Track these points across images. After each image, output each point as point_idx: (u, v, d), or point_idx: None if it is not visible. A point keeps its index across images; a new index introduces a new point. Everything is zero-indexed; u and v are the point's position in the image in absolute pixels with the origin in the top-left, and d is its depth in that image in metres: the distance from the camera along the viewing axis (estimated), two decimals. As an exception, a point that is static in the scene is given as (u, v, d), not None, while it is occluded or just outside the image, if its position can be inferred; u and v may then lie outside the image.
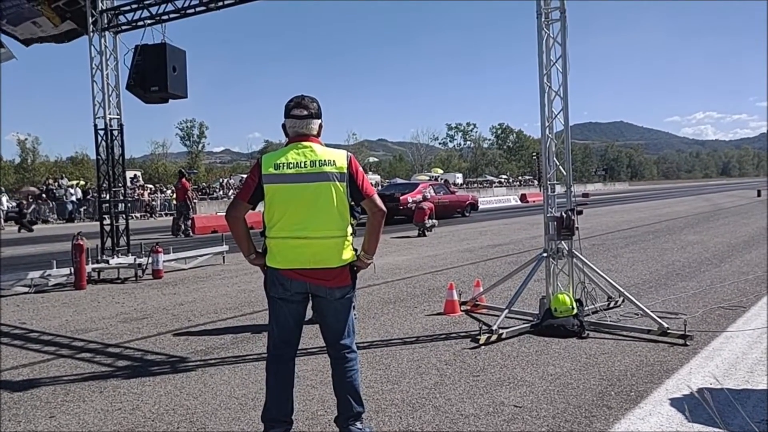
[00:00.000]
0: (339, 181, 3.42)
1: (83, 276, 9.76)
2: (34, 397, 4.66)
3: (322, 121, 3.58)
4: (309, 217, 3.40)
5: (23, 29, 11.45)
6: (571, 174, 6.41)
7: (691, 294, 7.72)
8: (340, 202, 3.43)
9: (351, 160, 3.50)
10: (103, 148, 10.78)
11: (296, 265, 3.44)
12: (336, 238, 3.45)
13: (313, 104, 3.53)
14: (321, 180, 3.40)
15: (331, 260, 3.45)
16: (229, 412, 4.22)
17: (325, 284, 3.47)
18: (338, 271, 3.47)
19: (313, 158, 3.43)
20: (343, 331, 3.59)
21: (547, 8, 6.43)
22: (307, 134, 3.52)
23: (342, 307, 3.57)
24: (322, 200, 3.40)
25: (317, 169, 3.40)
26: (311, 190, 3.40)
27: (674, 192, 59.25)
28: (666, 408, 4.02)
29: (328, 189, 3.41)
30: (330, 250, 3.45)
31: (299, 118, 3.49)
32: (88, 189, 35.65)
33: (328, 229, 3.42)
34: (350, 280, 3.54)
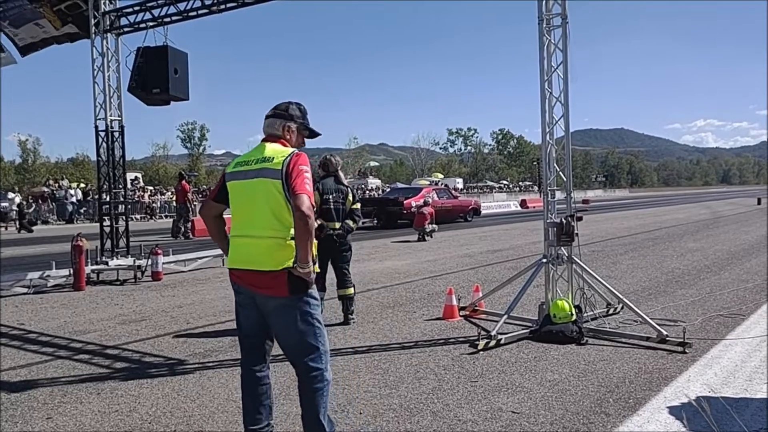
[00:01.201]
0: (273, 178, 3.25)
1: (82, 277, 9.75)
2: (31, 398, 4.65)
3: (295, 124, 3.49)
4: (246, 215, 3.33)
5: (26, 31, 11.47)
6: (571, 180, 6.41)
7: (691, 301, 7.71)
8: (275, 201, 3.23)
9: (292, 157, 3.27)
10: (103, 150, 10.78)
11: (236, 265, 3.36)
12: (268, 239, 3.23)
13: (283, 106, 3.51)
14: (258, 177, 3.29)
15: (261, 263, 3.24)
16: (226, 415, 4.21)
17: (259, 291, 3.29)
18: (269, 277, 3.21)
19: (260, 156, 3.35)
20: (302, 349, 3.30)
21: (549, 14, 6.44)
22: (272, 134, 3.46)
23: (285, 320, 3.29)
24: (257, 198, 3.29)
25: (258, 166, 3.31)
26: (250, 187, 3.32)
27: (674, 199, 59.27)
28: (664, 416, 4.02)
29: (263, 186, 3.26)
30: (260, 251, 3.25)
31: (267, 118, 3.51)
32: (89, 190, 35.67)
33: (260, 228, 3.26)
34: (288, 291, 3.22)
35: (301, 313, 3.27)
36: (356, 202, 7.00)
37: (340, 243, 6.82)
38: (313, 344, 3.31)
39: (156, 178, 63.07)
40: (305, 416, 3.35)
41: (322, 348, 3.34)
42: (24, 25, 11.36)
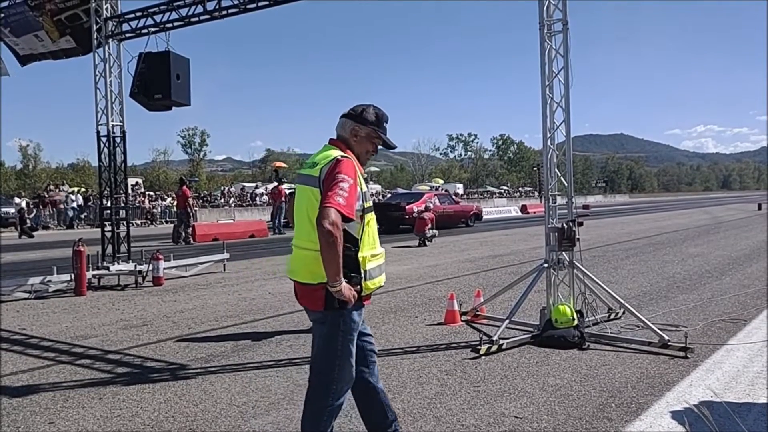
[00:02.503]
0: (312, 185, 3.07)
1: (83, 282, 9.75)
2: (33, 403, 4.65)
3: (366, 129, 3.25)
4: (295, 223, 3.24)
5: (25, 42, 11.55)
6: (572, 185, 6.42)
7: (692, 306, 7.71)
8: (312, 209, 3.02)
9: (333, 163, 3.03)
10: (105, 155, 10.80)
11: (286, 273, 3.30)
12: (306, 250, 3.08)
13: (363, 110, 3.27)
14: (302, 183, 3.17)
15: (298, 274, 3.15)
16: (229, 420, 4.21)
17: (300, 301, 3.23)
18: (308, 290, 3.09)
19: (311, 160, 3.20)
20: (315, 366, 3.23)
21: (550, 20, 6.46)
22: (339, 135, 3.29)
23: (317, 331, 3.20)
24: (299, 205, 3.17)
25: (305, 171, 3.17)
26: (297, 194, 3.21)
27: (675, 204, 59.26)
28: (666, 420, 4.02)
29: (305, 194, 3.12)
30: (298, 262, 3.15)
31: (339, 118, 3.32)
32: (89, 196, 35.70)
33: (301, 238, 3.14)
34: (323, 307, 3.05)
35: (329, 332, 3.11)
36: None
37: None
38: (326, 368, 3.14)
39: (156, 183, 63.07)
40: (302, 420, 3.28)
41: (334, 375, 3.13)
42: (24, 35, 11.43)
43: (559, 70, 6.40)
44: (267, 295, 9.41)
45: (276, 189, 26.16)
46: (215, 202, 44.28)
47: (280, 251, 16.38)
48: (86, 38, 11.07)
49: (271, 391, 4.78)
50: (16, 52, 11.97)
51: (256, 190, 49.40)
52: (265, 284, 10.53)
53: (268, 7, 9.42)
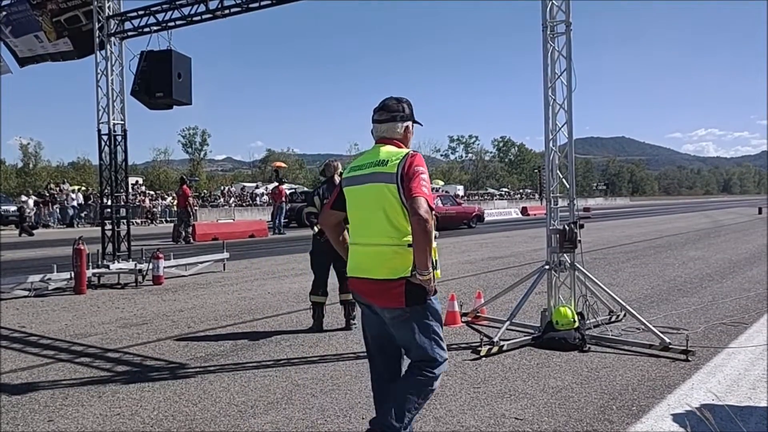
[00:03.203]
0: (387, 182, 3.10)
1: (83, 281, 9.74)
2: (32, 400, 4.63)
3: (411, 123, 3.36)
4: (361, 222, 3.22)
5: (24, 42, 11.59)
6: (574, 187, 6.41)
7: (693, 309, 7.69)
8: (389, 206, 3.09)
9: (408, 159, 3.11)
10: (106, 154, 10.79)
11: (351, 273, 3.28)
12: (383, 246, 3.10)
13: (399, 105, 3.32)
14: (374, 181, 3.16)
15: (375, 271, 3.13)
16: (228, 419, 4.19)
17: (373, 301, 3.19)
18: (385, 286, 3.09)
19: (374, 159, 3.21)
20: (420, 351, 3.18)
21: (553, 21, 6.45)
22: (389, 138, 3.31)
23: (401, 331, 3.17)
24: (372, 203, 3.16)
25: (372, 170, 3.18)
26: (365, 192, 3.20)
27: (675, 208, 59.24)
28: (668, 423, 4.00)
29: (379, 191, 3.13)
30: (374, 259, 3.13)
31: (378, 122, 3.33)
32: (90, 194, 35.70)
33: (374, 235, 3.14)
34: (404, 302, 3.07)
35: (419, 325, 3.13)
36: None
37: None
38: (432, 356, 3.17)
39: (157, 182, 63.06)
40: (392, 397, 3.18)
41: (441, 359, 3.20)
42: (24, 35, 11.47)
43: (562, 72, 6.39)
44: (266, 294, 9.39)
45: (276, 189, 26.34)
46: (215, 201, 44.28)
47: (280, 251, 16.37)
48: (83, 41, 11.12)
49: (270, 391, 4.77)
50: (15, 53, 12.01)
51: (256, 190, 49.41)
52: (264, 284, 10.52)
53: (270, 6, 9.43)
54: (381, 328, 3.30)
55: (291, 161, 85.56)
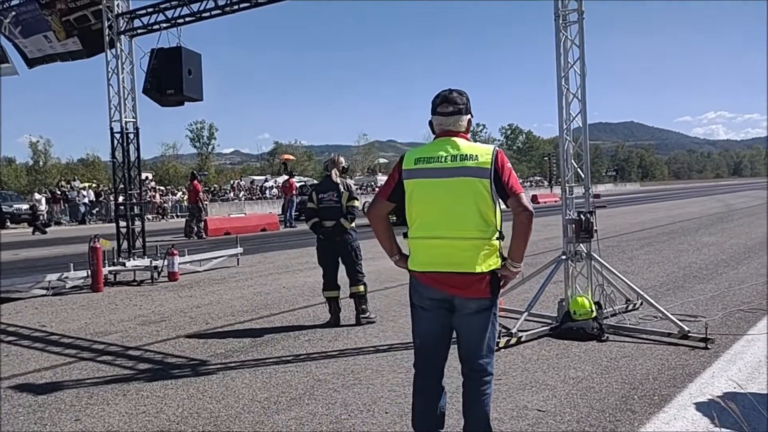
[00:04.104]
0: (481, 177, 3.12)
1: (100, 278, 9.82)
2: (58, 400, 4.69)
3: (471, 116, 3.36)
4: (446, 215, 3.16)
5: (33, 43, 11.66)
6: (589, 176, 6.40)
7: (710, 296, 7.67)
8: (482, 200, 3.13)
9: (497, 155, 3.17)
10: (118, 152, 10.84)
11: (429, 268, 3.21)
12: (475, 240, 3.14)
13: (461, 98, 3.31)
14: (461, 175, 3.14)
15: (468, 264, 3.14)
16: (252, 415, 4.23)
17: (460, 294, 3.18)
18: (475, 278, 3.14)
19: (454, 153, 3.19)
20: (480, 350, 3.26)
21: (565, 10, 6.41)
22: (455, 131, 3.31)
23: (477, 323, 3.23)
24: (461, 197, 3.14)
25: (458, 164, 3.15)
26: (450, 186, 3.15)
27: (686, 192, 58.92)
28: (691, 412, 4.00)
29: (469, 185, 3.13)
30: (466, 252, 3.14)
31: (445, 114, 3.29)
32: (100, 191, 35.90)
33: (465, 229, 3.14)
34: (490, 293, 3.19)
35: (493, 315, 3.27)
36: (353, 200, 6.84)
37: (343, 241, 6.79)
38: (492, 346, 3.30)
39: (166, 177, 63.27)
40: (473, 416, 3.30)
41: (494, 350, 3.35)
42: (33, 35, 11.52)
43: (575, 61, 6.36)
44: (281, 289, 9.44)
45: (287, 182, 26.47)
46: (225, 196, 44.41)
47: (292, 245, 16.42)
48: (92, 41, 11.16)
49: (292, 387, 4.81)
50: (24, 54, 12.08)
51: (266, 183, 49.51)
52: (279, 278, 10.56)
53: (278, 0, 9.41)
54: (444, 327, 3.31)
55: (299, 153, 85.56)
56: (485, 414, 3.30)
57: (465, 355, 3.31)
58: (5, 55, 12.46)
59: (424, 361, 3.37)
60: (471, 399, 3.31)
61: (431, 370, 3.36)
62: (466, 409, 3.34)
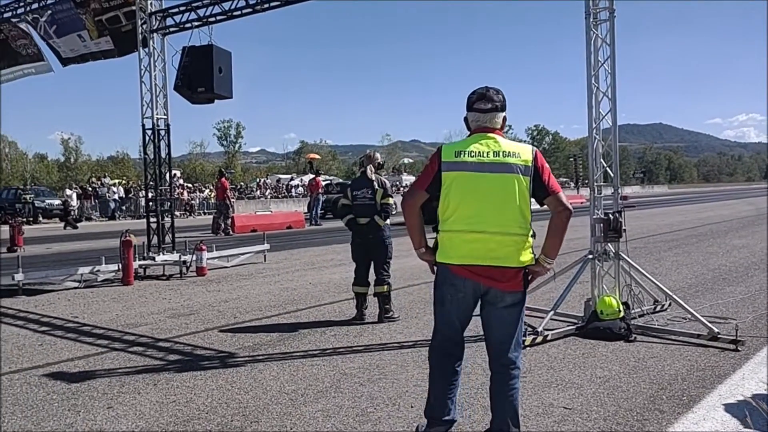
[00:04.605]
0: (523, 174, 3.22)
1: (131, 272, 10.00)
2: (91, 388, 4.80)
3: (506, 114, 3.44)
4: (488, 210, 3.22)
5: (66, 42, 11.91)
6: (618, 176, 6.36)
7: (740, 299, 7.57)
8: (522, 197, 3.22)
9: (537, 154, 3.28)
10: (150, 148, 11.03)
11: (469, 261, 3.25)
12: (515, 236, 3.23)
13: (498, 96, 3.39)
14: (504, 171, 3.22)
15: (509, 259, 3.23)
16: (280, 407, 4.29)
17: (498, 286, 3.26)
18: (513, 273, 3.24)
19: (496, 149, 3.26)
20: (510, 344, 3.35)
21: (596, 8, 6.38)
22: (491, 128, 3.37)
23: (510, 316, 3.33)
24: (503, 193, 3.22)
25: (501, 160, 3.23)
26: (492, 181, 3.22)
27: (716, 195, 57.94)
28: (720, 413, 3.97)
29: (511, 181, 3.21)
30: (508, 248, 3.22)
31: (483, 111, 3.36)
32: (130, 188, 36.47)
33: (508, 224, 3.22)
34: (523, 286, 3.31)
35: (523, 309, 3.38)
36: (387, 197, 6.86)
37: (377, 238, 6.82)
38: (520, 341, 3.42)
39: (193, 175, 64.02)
40: (501, 408, 3.37)
41: (522, 346, 3.45)
42: (67, 35, 11.78)
43: (606, 59, 6.33)
44: (308, 285, 9.52)
45: (313, 181, 26.60)
46: (251, 194, 44.79)
47: (318, 242, 16.51)
48: (124, 41, 11.37)
49: (319, 380, 4.86)
50: (58, 53, 12.35)
51: (292, 182, 49.83)
52: (305, 275, 10.65)
53: (309, -1, 9.49)
54: (469, 316, 3.46)
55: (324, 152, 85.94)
56: (514, 408, 3.36)
57: (496, 349, 3.38)
58: (40, 53, 12.76)
59: (450, 350, 3.47)
60: (500, 393, 3.36)
61: (455, 359, 3.48)
62: (494, 403, 3.40)
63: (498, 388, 3.37)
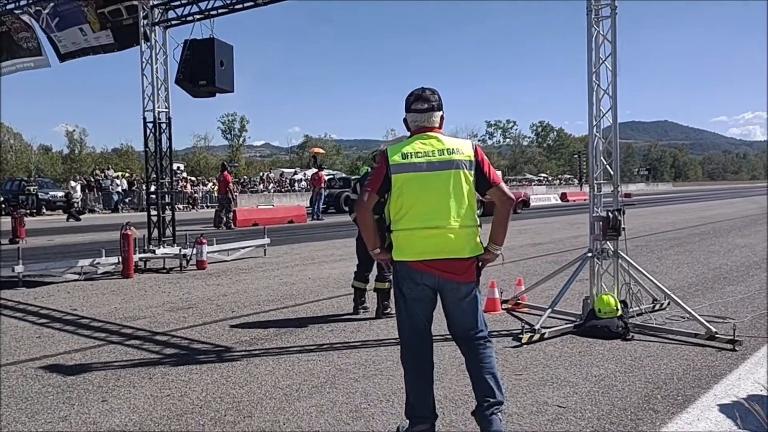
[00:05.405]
0: (468, 169, 3.40)
1: (131, 265, 10.01)
2: (86, 381, 4.81)
3: (443, 113, 3.57)
4: (441, 206, 3.37)
5: (68, 36, 11.91)
6: (618, 173, 6.33)
7: (740, 298, 7.54)
8: (469, 191, 3.41)
9: (476, 148, 3.47)
10: (151, 141, 11.03)
11: (427, 257, 3.38)
12: (468, 228, 3.40)
13: (434, 96, 3.52)
14: (452, 168, 3.38)
15: (464, 250, 3.39)
16: (274, 401, 4.29)
17: (454, 278, 3.40)
18: (468, 263, 3.41)
19: (441, 147, 3.42)
20: (474, 324, 3.53)
21: (597, 5, 6.34)
22: (429, 127, 3.51)
23: (469, 304, 3.49)
24: (454, 189, 3.38)
25: (447, 157, 3.39)
26: (443, 179, 3.37)
27: (720, 193, 57.78)
28: (715, 414, 3.95)
29: (459, 177, 3.38)
30: (462, 240, 3.39)
31: (420, 111, 3.50)
32: (133, 180, 36.52)
33: (460, 218, 3.38)
34: (475, 276, 3.48)
35: (479, 294, 3.57)
36: None
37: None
38: (482, 320, 3.59)
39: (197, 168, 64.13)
40: (483, 378, 3.50)
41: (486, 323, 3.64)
42: (68, 28, 11.78)
43: (607, 56, 6.29)
44: (307, 280, 9.52)
45: (316, 175, 26.63)
46: (255, 187, 44.83)
47: (319, 237, 16.52)
48: (124, 35, 11.37)
49: (314, 375, 4.86)
50: (56, 47, 12.35)
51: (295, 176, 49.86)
52: (304, 269, 10.66)
53: (310, -7, 9.45)
54: (431, 311, 3.57)
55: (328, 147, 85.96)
56: (494, 375, 3.52)
57: (463, 333, 3.57)
58: (40, 47, 12.77)
59: (421, 345, 3.58)
60: (476, 365, 3.53)
61: (427, 353, 3.59)
62: (474, 377, 3.57)
63: (473, 361, 3.54)
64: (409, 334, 3.58)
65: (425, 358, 3.58)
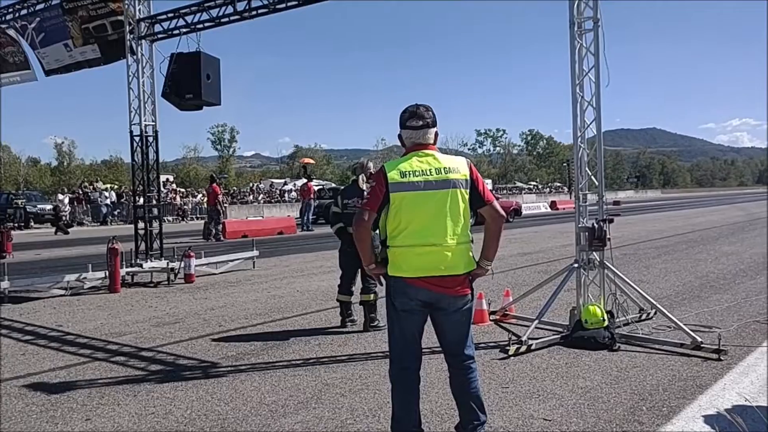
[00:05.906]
0: (464, 188, 3.47)
1: (117, 279, 9.95)
2: (70, 399, 4.77)
3: (437, 129, 3.62)
4: (438, 224, 3.42)
5: (52, 52, 11.92)
6: (603, 184, 6.36)
7: (726, 307, 7.58)
8: (465, 209, 3.48)
9: (471, 167, 3.54)
10: (138, 154, 10.99)
11: (423, 273, 3.43)
12: (462, 245, 3.47)
13: (428, 113, 3.57)
14: (448, 187, 3.44)
15: (458, 267, 3.45)
16: (259, 418, 4.27)
17: (449, 293, 3.46)
18: (462, 279, 3.48)
19: (437, 166, 3.47)
20: (465, 342, 3.58)
21: (580, 18, 6.40)
22: (424, 143, 3.56)
23: (462, 318, 3.55)
24: (451, 207, 3.44)
25: (443, 177, 3.45)
26: (440, 198, 3.43)
27: (708, 201, 58.18)
28: (699, 425, 3.97)
29: (456, 196, 3.45)
30: (457, 257, 3.45)
31: (415, 128, 3.54)
32: (122, 192, 36.35)
33: (456, 236, 3.44)
34: (469, 290, 3.54)
35: (470, 309, 3.60)
36: None
37: None
38: (471, 335, 3.65)
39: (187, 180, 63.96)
40: (467, 400, 3.57)
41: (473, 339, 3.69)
42: (53, 44, 11.77)
43: (590, 69, 6.34)
44: (295, 293, 9.49)
45: (305, 186, 26.59)
46: (245, 198, 44.73)
47: (308, 248, 16.48)
48: (111, 49, 11.38)
49: (300, 390, 4.84)
50: (42, 65, 12.35)
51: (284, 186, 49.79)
52: (293, 282, 10.63)
53: (297, 6, 9.48)
54: (422, 327, 3.60)
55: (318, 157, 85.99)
56: (478, 397, 3.60)
57: (452, 349, 3.60)
58: (27, 61, 12.74)
59: (410, 360, 3.60)
60: (462, 387, 3.60)
61: (416, 369, 3.61)
62: (458, 397, 3.63)
63: (459, 383, 3.60)
64: (399, 347, 3.60)
65: (413, 372, 3.61)
